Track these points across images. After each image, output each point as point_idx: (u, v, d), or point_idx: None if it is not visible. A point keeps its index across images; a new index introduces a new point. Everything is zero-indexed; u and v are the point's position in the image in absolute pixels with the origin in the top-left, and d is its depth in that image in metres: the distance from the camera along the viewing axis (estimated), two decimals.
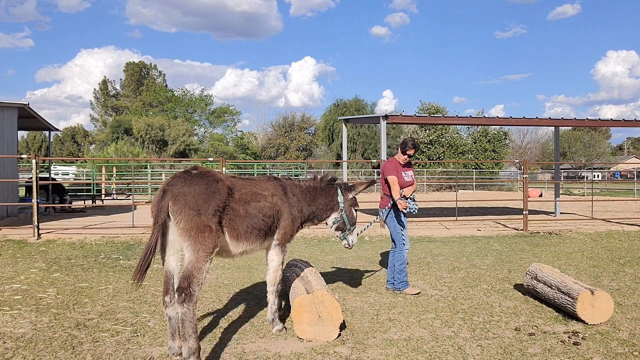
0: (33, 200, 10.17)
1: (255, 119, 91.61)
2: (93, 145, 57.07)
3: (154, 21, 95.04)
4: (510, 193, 30.87)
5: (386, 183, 5.99)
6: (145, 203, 19.04)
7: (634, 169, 47.43)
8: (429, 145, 39.76)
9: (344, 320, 4.53)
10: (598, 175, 50.41)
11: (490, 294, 5.90)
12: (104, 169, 26.49)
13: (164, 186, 3.84)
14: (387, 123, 12.57)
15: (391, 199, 5.89)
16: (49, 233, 10.50)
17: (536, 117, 13.71)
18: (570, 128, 52.79)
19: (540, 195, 25.62)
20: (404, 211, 5.79)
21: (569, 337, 4.37)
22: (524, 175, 12.45)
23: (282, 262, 4.60)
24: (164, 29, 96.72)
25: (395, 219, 5.94)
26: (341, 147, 20.90)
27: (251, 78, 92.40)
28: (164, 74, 60.00)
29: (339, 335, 4.33)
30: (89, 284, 6.34)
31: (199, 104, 48.88)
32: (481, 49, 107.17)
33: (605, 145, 59.53)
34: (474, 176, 35.85)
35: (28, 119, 15.49)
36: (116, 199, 22.97)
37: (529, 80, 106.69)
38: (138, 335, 4.39)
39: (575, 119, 15.71)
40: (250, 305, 5.39)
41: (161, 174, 28.70)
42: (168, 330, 3.96)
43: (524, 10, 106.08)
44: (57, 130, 18.39)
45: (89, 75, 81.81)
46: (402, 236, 5.92)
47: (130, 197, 21.24)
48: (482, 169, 39.01)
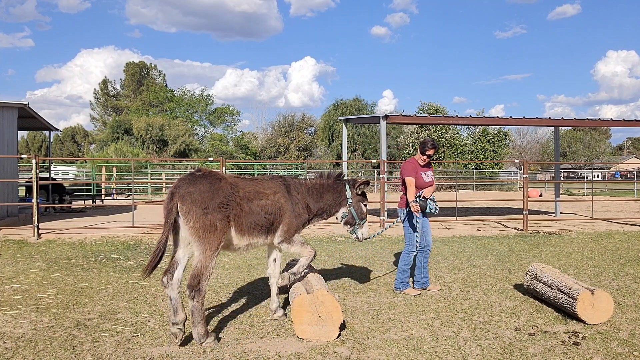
0: (33, 200, 10.17)
1: (255, 119, 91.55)
2: (93, 145, 57.09)
3: (154, 21, 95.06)
4: (510, 193, 30.88)
5: (403, 183, 5.96)
6: (145, 203, 19.05)
7: (634, 169, 47.44)
8: None
9: (344, 320, 4.53)
10: (598, 175, 50.43)
11: (490, 294, 5.90)
12: (104, 169, 26.49)
13: (172, 188, 4.18)
14: (387, 123, 12.57)
15: (406, 200, 5.86)
16: (49, 233, 10.50)
17: (536, 117, 13.71)
18: (570, 128, 52.80)
19: (540, 195, 25.62)
20: (417, 214, 5.77)
21: (569, 337, 4.37)
22: (524, 175, 12.45)
23: (302, 242, 4.75)
24: (164, 29, 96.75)
25: (409, 219, 5.89)
26: (341, 147, 20.90)
27: (251, 78, 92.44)
28: (164, 74, 60.02)
29: (339, 335, 4.33)
30: (89, 284, 6.34)
31: (200, 104, 48.90)
32: (481, 49, 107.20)
33: (605, 145, 59.51)
34: (474, 176, 35.85)
35: (28, 119, 15.50)
36: (116, 199, 22.97)
37: (529, 80, 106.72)
38: (138, 335, 4.39)
39: (575, 119, 15.71)
40: (250, 305, 5.39)
41: (161, 174, 28.72)
42: (170, 308, 4.21)
43: (524, 10, 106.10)
44: (57, 130, 18.39)
45: (89, 75, 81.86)
46: (410, 237, 5.87)
47: (130, 197, 21.25)
48: (482, 169, 39.00)
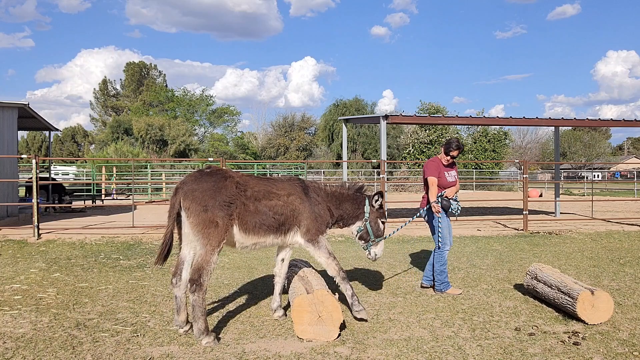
0: (33, 200, 10.17)
1: (255, 119, 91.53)
2: (93, 145, 57.09)
3: (154, 21, 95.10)
4: (510, 193, 30.88)
5: (426, 183, 5.95)
6: (145, 203, 19.05)
7: (634, 169, 47.43)
8: (429, 145, 39.75)
9: (344, 320, 4.53)
10: (598, 175, 50.42)
11: (490, 294, 5.90)
12: (104, 169, 26.49)
13: (178, 184, 4.32)
14: (387, 123, 12.57)
15: (428, 200, 5.86)
16: (49, 233, 10.50)
17: (536, 117, 13.71)
18: (570, 128, 52.82)
19: (540, 195, 25.61)
20: (437, 215, 5.76)
21: (569, 337, 4.37)
22: (524, 175, 12.45)
23: (330, 254, 4.72)
24: (164, 29, 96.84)
25: (434, 219, 5.87)
26: (341, 147, 20.91)
27: (251, 78, 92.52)
28: (164, 74, 60.06)
29: (339, 335, 4.33)
30: (89, 284, 6.34)
31: (200, 104, 48.92)
32: (481, 49, 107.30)
33: (605, 145, 59.52)
34: (474, 176, 35.84)
35: (28, 119, 15.50)
36: (116, 199, 22.97)
37: (529, 80, 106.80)
38: (138, 335, 4.39)
39: (575, 119, 15.70)
40: (250, 305, 5.39)
41: (161, 174, 28.72)
42: (174, 307, 4.44)
43: (524, 10, 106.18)
44: (57, 130, 18.39)
45: (89, 75, 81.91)
46: (441, 236, 5.85)
47: (130, 197, 21.24)
48: (482, 169, 39.00)
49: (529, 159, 48.43)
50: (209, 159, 17.90)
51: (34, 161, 10.16)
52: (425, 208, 5.93)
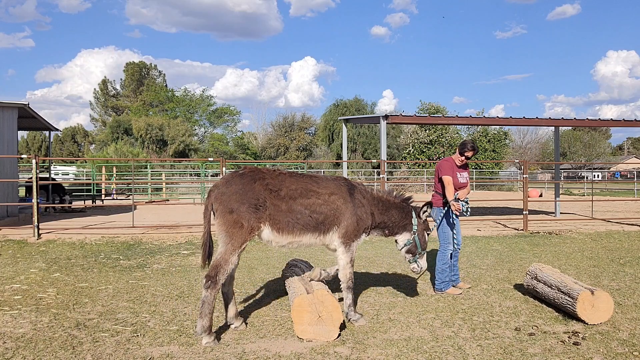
0: (33, 200, 10.17)
1: (255, 119, 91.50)
2: (93, 145, 57.10)
3: (153, 21, 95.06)
4: (510, 193, 30.88)
5: (439, 182, 5.95)
6: (145, 203, 19.05)
7: (634, 169, 47.43)
8: (429, 145, 39.75)
9: (344, 320, 4.53)
10: (598, 175, 50.42)
11: (490, 294, 5.90)
12: (104, 169, 26.49)
13: (212, 187, 4.46)
14: (387, 123, 12.57)
15: (443, 199, 5.88)
16: (49, 233, 10.50)
17: (536, 117, 13.71)
18: (570, 128, 52.81)
19: (540, 195, 25.61)
20: (457, 212, 5.78)
21: (569, 337, 4.37)
22: (524, 175, 12.45)
23: (352, 261, 4.72)
24: (164, 29, 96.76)
25: (445, 218, 5.91)
26: (341, 147, 20.91)
27: (251, 78, 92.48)
28: (164, 74, 60.01)
29: (339, 335, 4.33)
30: (89, 284, 6.34)
31: (200, 104, 48.93)
32: (481, 49, 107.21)
33: (605, 145, 59.51)
34: (474, 176, 35.83)
35: (28, 119, 15.50)
36: (116, 199, 22.97)
37: (529, 80, 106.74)
38: (138, 335, 4.39)
39: (575, 119, 15.70)
40: (250, 305, 5.39)
41: (161, 174, 28.71)
42: (224, 304, 4.59)
43: (524, 10, 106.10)
44: (57, 130, 18.39)
45: (89, 76, 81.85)
46: (447, 236, 5.89)
47: (130, 197, 21.24)
48: (482, 169, 39.00)
49: (529, 159, 48.43)
50: (209, 159, 17.91)
51: (34, 161, 10.16)
52: (441, 208, 5.93)
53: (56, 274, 6.94)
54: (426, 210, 5.06)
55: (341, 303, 4.82)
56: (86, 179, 27.53)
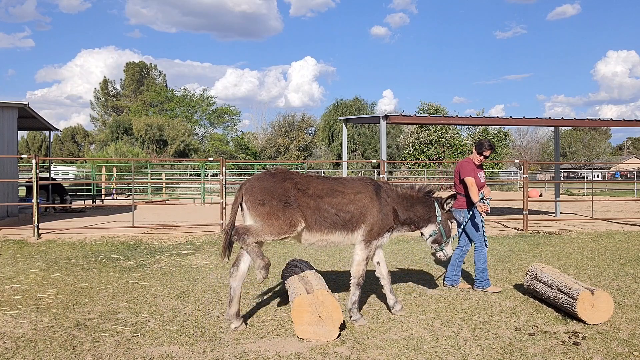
0: (33, 200, 10.17)
1: (255, 119, 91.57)
2: (93, 145, 57.10)
3: (153, 21, 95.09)
4: (510, 193, 30.88)
5: (461, 183, 5.95)
6: (145, 203, 19.05)
7: (634, 169, 47.42)
8: (429, 145, 39.75)
9: (344, 320, 4.53)
10: (598, 175, 50.40)
11: (490, 294, 5.90)
12: (104, 169, 26.49)
13: (243, 182, 4.65)
14: (387, 123, 12.57)
15: (466, 200, 5.91)
16: (49, 233, 10.50)
17: (536, 117, 13.71)
18: (570, 128, 52.81)
19: (540, 195, 25.61)
20: (484, 214, 5.80)
21: (569, 337, 4.37)
22: (524, 175, 12.45)
23: (367, 258, 4.82)
24: (164, 29, 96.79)
25: (470, 220, 5.96)
26: (341, 147, 20.91)
27: (251, 78, 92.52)
28: (164, 74, 60.03)
29: (339, 335, 4.33)
30: (89, 284, 6.34)
31: (200, 104, 48.94)
32: (481, 49, 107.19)
33: (605, 145, 59.50)
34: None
35: (28, 119, 15.49)
36: (116, 199, 22.97)
37: (529, 80, 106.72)
38: (138, 335, 4.39)
39: (575, 119, 15.69)
40: (250, 305, 5.39)
41: (161, 174, 28.71)
42: (228, 298, 4.66)
43: (524, 10, 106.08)
44: (57, 130, 18.38)
45: (89, 76, 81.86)
46: (478, 236, 5.97)
47: (130, 197, 21.24)
48: (482, 169, 38.97)
49: (529, 159, 48.43)
50: (209, 159, 17.92)
51: (34, 161, 10.16)
52: (466, 210, 5.95)
53: (56, 274, 6.94)
54: (450, 202, 5.14)
55: (342, 302, 4.82)
56: (86, 179, 27.53)
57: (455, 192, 5.36)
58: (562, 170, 49.66)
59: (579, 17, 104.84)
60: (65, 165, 36.24)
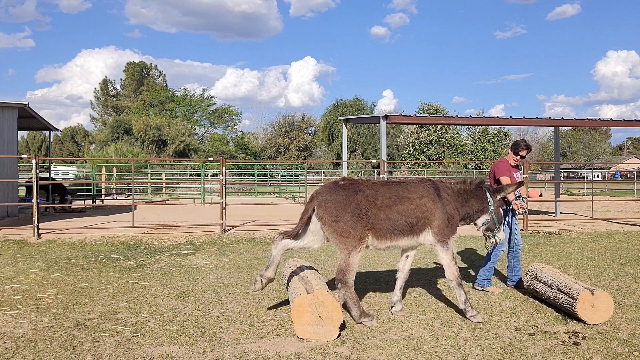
0: (33, 200, 10.17)
1: (255, 119, 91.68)
2: (93, 145, 57.10)
3: (153, 21, 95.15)
4: None
5: (495, 183, 5.99)
6: (145, 203, 19.04)
7: (634, 169, 47.42)
8: (429, 145, 39.75)
9: (344, 320, 4.53)
10: (598, 175, 50.38)
11: (491, 293, 5.90)
12: (104, 169, 26.48)
13: (314, 193, 4.81)
14: (387, 123, 12.57)
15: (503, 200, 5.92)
16: (49, 233, 10.49)
17: (536, 117, 13.71)
18: (570, 128, 52.80)
19: (540, 195, 25.60)
20: (520, 212, 5.82)
21: (569, 337, 4.37)
22: (524, 175, 12.44)
23: (453, 258, 4.89)
24: (164, 29, 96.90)
25: (508, 218, 6.00)
26: (341, 147, 20.91)
27: (251, 78, 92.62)
28: (164, 74, 60.09)
29: (339, 335, 4.33)
30: (89, 284, 6.34)
31: (200, 104, 48.94)
32: (481, 49, 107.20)
33: (605, 145, 59.50)
34: (474, 176, 35.82)
35: (28, 119, 15.48)
36: (116, 199, 22.96)
37: (529, 80, 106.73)
38: (138, 335, 4.39)
39: (575, 119, 15.70)
40: (250, 305, 5.39)
41: (161, 174, 28.71)
42: (266, 262, 4.93)
43: (524, 10, 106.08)
44: (57, 130, 18.37)
45: (89, 76, 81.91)
46: (504, 235, 5.95)
47: (130, 197, 21.24)
48: (482, 169, 38.97)
49: (529, 159, 48.39)
50: (209, 159, 17.91)
51: (34, 161, 10.15)
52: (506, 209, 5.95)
53: (56, 274, 6.94)
54: (502, 191, 5.23)
55: (339, 298, 4.82)
56: (86, 179, 27.53)
57: (521, 180, 5.47)
58: (562, 170, 49.65)
59: (579, 17, 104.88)
60: (65, 165, 36.23)
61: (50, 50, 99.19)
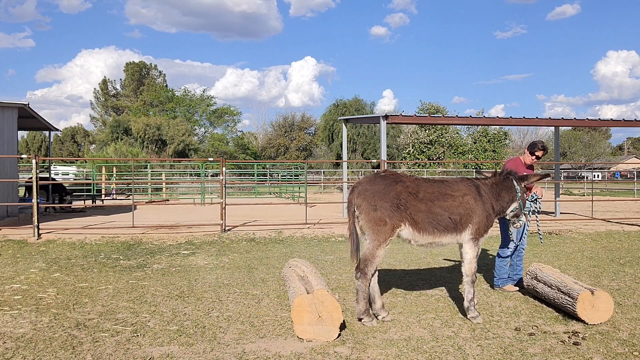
0: (33, 200, 10.17)
1: (255, 119, 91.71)
2: (93, 145, 57.10)
3: (153, 21, 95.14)
4: None
5: None
6: (145, 203, 19.04)
7: (634, 169, 47.41)
8: (429, 145, 39.75)
9: (344, 320, 4.53)
10: (598, 175, 50.37)
11: (491, 294, 5.90)
12: (104, 169, 26.48)
13: (354, 184, 4.83)
14: (387, 123, 12.57)
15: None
16: (49, 233, 10.49)
17: (536, 117, 13.71)
18: (570, 128, 52.79)
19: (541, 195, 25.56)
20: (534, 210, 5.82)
21: (569, 337, 4.37)
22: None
23: (477, 255, 4.93)
24: (164, 29, 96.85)
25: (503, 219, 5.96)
26: (341, 147, 20.90)
27: (251, 78, 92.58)
28: (164, 74, 60.01)
29: (339, 335, 4.33)
30: (89, 284, 6.34)
31: (200, 104, 48.93)
32: (481, 49, 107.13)
33: (605, 145, 59.50)
34: (474, 176, 35.77)
35: (28, 119, 15.48)
36: (116, 199, 22.96)
37: (529, 80, 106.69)
38: (138, 335, 4.39)
39: (575, 119, 15.69)
40: (250, 305, 5.39)
41: (161, 174, 28.70)
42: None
43: (524, 10, 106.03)
44: (57, 130, 18.36)
45: (89, 76, 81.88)
46: (522, 237, 6.02)
47: (130, 197, 21.24)
48: (482, 169, 38.98)
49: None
50: (209, 159, 17.90)
51: (34, 161, 10.16)
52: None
53: (56, 274, 6.94)
54: (526, 179, 5.27)
55: (342, 302, 4.82)
56: (86, 179, 27.52)
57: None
58: (562, 170, 49.63)
59: (579, 17, 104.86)
60: (65, 165, 36.22)
61: (50, 50, 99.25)
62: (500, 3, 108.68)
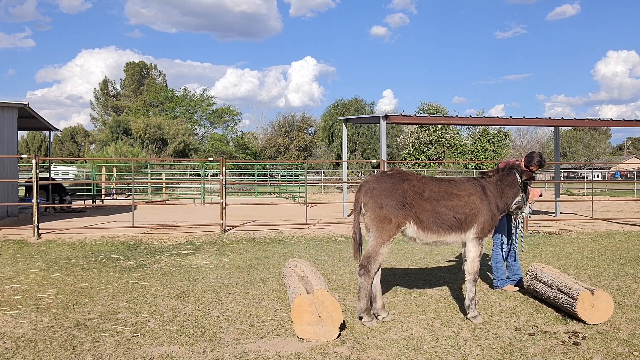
0: (33, 200, 10.17)
1: (255, 119, 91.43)
2: (93, 145, 57.08)
3: (154, 21, 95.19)
4: None
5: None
6: (145, 203, 19.04)
7: (634, 169, 47.41)
8: (429, 145, 39.75)
9: (344, 320, 4.53)
10: (598, 175, 50.37)
11: (491, 294, 5.90)
12: (104, 169, 26.48)
13: (362, 182, 4.88)
14: (387, 123, 12.57)
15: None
16: (49, 233, 10.49)
17: (536, 117, 13.70)
18: (570, 128, 52.80)
19: (541, 195, 25.55)
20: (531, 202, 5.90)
21: (569, 337, 4.37)
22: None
23: (480, 254, 4.97)
24: (164, 29, 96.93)
25: (507, 221, 6.03)
26: (341, 147, 20.90)
27: (251, 78, 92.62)
28: (164, 74, 60.05)
29: (339, 335, 4.33)
30: (89, 284, 6.34)
31: (200, 104, 48.93)
32: (481, 49, 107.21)
33: (605, 145, 59.49)
34: (474, 176, 35.76)
35: (28, 119, 15.48)
36: (116, 199, 22.96)
37: (529, 80, 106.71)
38: (138, 335, 4.39)
39: (575, 119, 15.69)
40: (250, 305, 5.39)
41: (161, 174, 28.70)
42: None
43: (524, 10, 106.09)
44: (57, 130, 18.37)
45: (89, 76, 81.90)
46: (501, 237, 6.06)
47: (130, 197, 21.23)
48: (482, 169, 38.98)
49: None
50: (209, 159, 17.91)
51: (34, 161, 10.15)
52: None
53: (56, 274, 6.94)
54: (525, 173, 5.30)
55: (342, 302, 4.82)
56: (86, 179, 27.52)
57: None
58: (562, 170, 49.63)
59: (579, 17, 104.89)
60: (65, 165, 36.23)
61: (50, 50, 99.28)
62: (500, 3, 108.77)
